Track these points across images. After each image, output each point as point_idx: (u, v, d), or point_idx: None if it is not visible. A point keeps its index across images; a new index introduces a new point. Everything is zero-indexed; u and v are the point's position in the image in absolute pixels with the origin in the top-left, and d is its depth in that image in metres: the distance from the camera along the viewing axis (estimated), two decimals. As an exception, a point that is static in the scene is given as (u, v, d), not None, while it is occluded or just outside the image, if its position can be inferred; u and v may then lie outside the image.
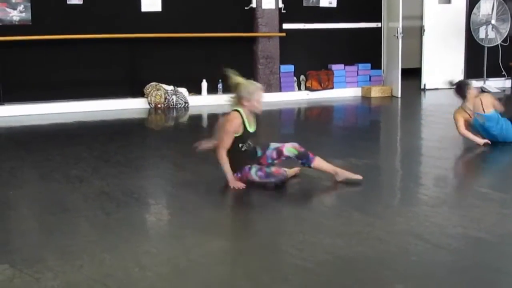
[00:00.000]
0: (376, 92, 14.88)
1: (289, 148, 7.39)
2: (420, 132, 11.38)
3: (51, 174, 7.96)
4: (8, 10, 12.61)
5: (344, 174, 7.31)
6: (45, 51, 12.82)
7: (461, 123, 9.39)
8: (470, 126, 9.43)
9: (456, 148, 9.67)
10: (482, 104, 9.28)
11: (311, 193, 7.43)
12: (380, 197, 7.10)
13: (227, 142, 7.20)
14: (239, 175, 7.26)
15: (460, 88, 9.55)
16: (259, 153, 7.48)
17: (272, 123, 12.54)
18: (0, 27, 12.46)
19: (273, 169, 7.29)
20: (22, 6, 12.66)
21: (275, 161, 7.48)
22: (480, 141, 9.26)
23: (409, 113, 13.57)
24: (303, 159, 7.38)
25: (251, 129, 7.34)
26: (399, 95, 14.76)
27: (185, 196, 7.07)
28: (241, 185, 7.17)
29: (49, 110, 12.70)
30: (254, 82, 7.72)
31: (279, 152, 7.41)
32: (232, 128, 7.21)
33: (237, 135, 7.24)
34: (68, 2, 12.90)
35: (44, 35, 12.60)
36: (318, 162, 7.37)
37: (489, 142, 9.23)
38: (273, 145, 7.50)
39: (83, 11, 12.94)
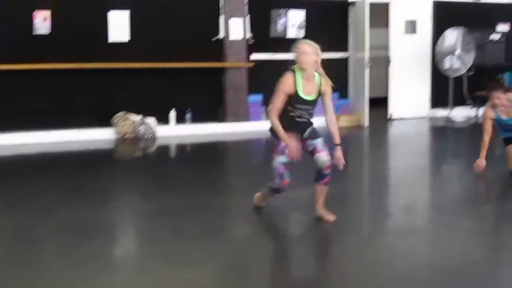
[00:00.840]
0: (344, 121, 14.94)
1: (320, 159, 7.01)
2: (387, 161, 11.45)
3: (17, 206, 7.87)
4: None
5: (320, 211, 7.19)
6: (12, 80, 12.75)
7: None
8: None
9: (423, 177, 9.75)
10: None
11: (279, 222, 7.43)
12: (348, 226, 7.11)
13: (277, 101, 6.90)
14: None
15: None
16: (306, 134, 7.14)
17: (240, 154, 12.56)
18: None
19: (286, 179, 7.05)
20: (-10, 36, 12.61)
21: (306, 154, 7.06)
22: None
23: (377, 142, 13.65)
24: (318, 175, 7.10)
25: (302, 94, 6.96)
26: (367, 125, 14.85)
27: (153, 227, 7.04)
28: (296, 148, 6.83)
29: (15, 140, 12.58)
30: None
31: (313, 152, 7.06)
32: (282, 86, 6.92)
33: (289, 94, 6.91)
34: (34, 33, 12.85)
35: (11, 64, 12.53)
36: (322, 188, 7.16)
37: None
38: (319, 141, 7.07)
39: (50, 40, 12.90)
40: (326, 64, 15.10)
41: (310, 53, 7.02)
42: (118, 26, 13.40)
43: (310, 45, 7.09)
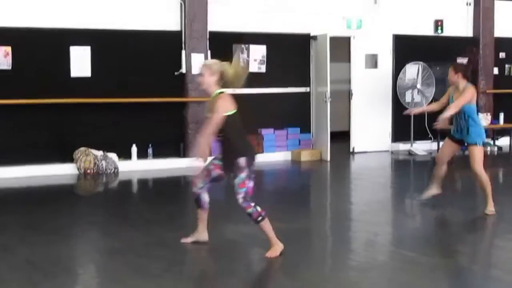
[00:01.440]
0: (306, 155, 15.00)
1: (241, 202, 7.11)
2: (349, 196, 11.49)
3: (-24, 244, 7.79)
4: None
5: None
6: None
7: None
8: None
9: (385, 212, 9.80)
10: None
11: (239, 258, 7.41)
12: (309, 262, 7.11)
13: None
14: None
15: None
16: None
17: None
18: None
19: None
20: None
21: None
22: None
23: (338, 176, 13.71)
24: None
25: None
26: (329, 159, 14.91)
27: (114, 265, 6.99)
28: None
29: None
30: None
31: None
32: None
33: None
34: (-5, 68, 12.83)
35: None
36: (261, 226, 7.13)
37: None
38: (235, 182, 7.19)
39: (12, 75, 12.84)
40: (288, 99, 15.28)
41: (204, 74, 7.15)
42: (80, 61, 13.37)
43: (205, 65, 7.27)
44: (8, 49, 12.86)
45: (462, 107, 9.15)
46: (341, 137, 16.67)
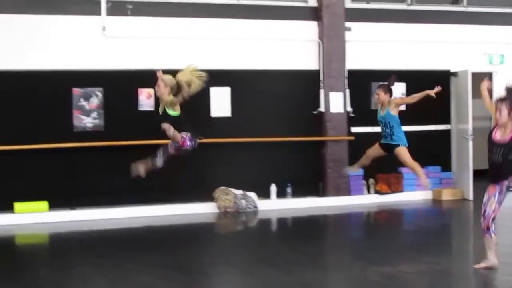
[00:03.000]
0: (447, 195, 14.70)
1: None
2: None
3: (121, 281, 7.98)
4: (82, 117, 12.95)
5: None
6: (115, 156, 13.05)
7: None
8: None
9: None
10: None
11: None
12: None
13: None
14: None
15: None
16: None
17: (340, 228, 12.46)
18: (74, 133, 12.76)
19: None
20: (95, 113, 13.00)
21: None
22: None
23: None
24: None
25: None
26: (471, 198, 14.53)
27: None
28: None
29: (119, 214, 12.84)
30: None
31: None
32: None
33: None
34: (139, 109, 13.19)
35: (116, 141, 12.86)
36: None
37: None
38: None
39: (154, 117, 13.14)
40: (428, 137, 15.00)
41: (160, 86, 9.32)
42: (220, 101, 13.63)
43: (162, 79, 9.30)
44: (151, 91, 13.25)
45: (387, 118, 11.27)
46: (484, 176, 16.20)
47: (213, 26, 13.76)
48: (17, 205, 12.51)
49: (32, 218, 12.42)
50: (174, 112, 9.41)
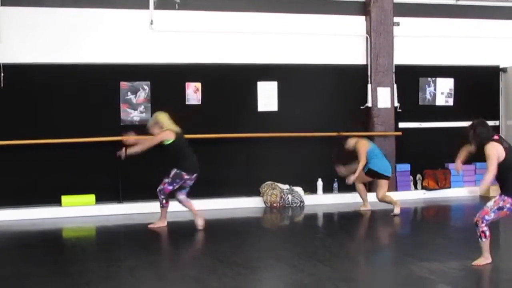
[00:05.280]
0: (495, 191, 14.47)
1: None
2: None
3: (169, 274, 8.03)
4: (129, 110, 13.03)
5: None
6: (162, 150, 13.09)
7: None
8: None
9: None
10: None
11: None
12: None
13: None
14: None
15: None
16: None
17: (388, 223, 12.38)
18: (122, 127, 12.84)
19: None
20: (142, 106, 13.07)
21: None
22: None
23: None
24: None
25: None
26: (519, 194, 14.34)
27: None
28: None
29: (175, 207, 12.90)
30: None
31: None
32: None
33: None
34: (186, 103, 13.26)
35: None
36: None
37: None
38: None
39: (201, 111, 13.25)
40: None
41: (151, 126, 11.07)
42: (267, 96, 13.64)
43: (151, 120, 11.15)
44: (198, 85, 13.31)
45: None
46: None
47: (262, 21, 13.76)
48: (64, 199, 12.63)
49: (79, 211, 12.54)
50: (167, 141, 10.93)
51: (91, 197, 12.76)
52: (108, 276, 7.98)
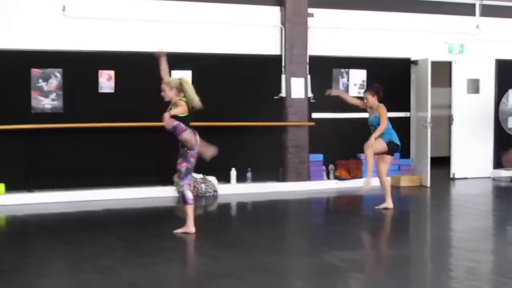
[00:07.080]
0: (405, 181, 14.84)
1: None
2: (450, 223, 11.30)
3: (81, 264, 7.95)
4: (41, 98, 12.81)
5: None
6: (74, 138, 12.98)
7: None
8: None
9: (487, 239, 9.58)
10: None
11: (339, 283, 7.34)
12: (411, 290, 7.01)
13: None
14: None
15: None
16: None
17: (301, 212, 12.51)
18: (32, 115, 12.63)
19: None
20: (54, 94, 12.87)
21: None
22: None
23: (439, 203, 13.47)
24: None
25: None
26: (429, 185, 14.69)
27: (215, 288, 7.03)
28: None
29: (77, 197, 12.72)
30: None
31: None
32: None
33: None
34: (99, 91, 13.11)
35: (75, 123, 12.77)
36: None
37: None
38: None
39: (115, 99, 13.12)
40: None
41: (165, 89, 9.62)
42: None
43: (164, 83, 9.64)
44: (112, 73, 13.18)
45: (374, 122, 11.93)
46: (441, 163, 16.41)
47: (175, 9, 13.67)
48: (-27, 188, 12.39)
49: (-11, 200, 12.31)
50: (182, 114, 9.73)
51: (1, 186, 12.51)
52: (19, 267, 7.87)
